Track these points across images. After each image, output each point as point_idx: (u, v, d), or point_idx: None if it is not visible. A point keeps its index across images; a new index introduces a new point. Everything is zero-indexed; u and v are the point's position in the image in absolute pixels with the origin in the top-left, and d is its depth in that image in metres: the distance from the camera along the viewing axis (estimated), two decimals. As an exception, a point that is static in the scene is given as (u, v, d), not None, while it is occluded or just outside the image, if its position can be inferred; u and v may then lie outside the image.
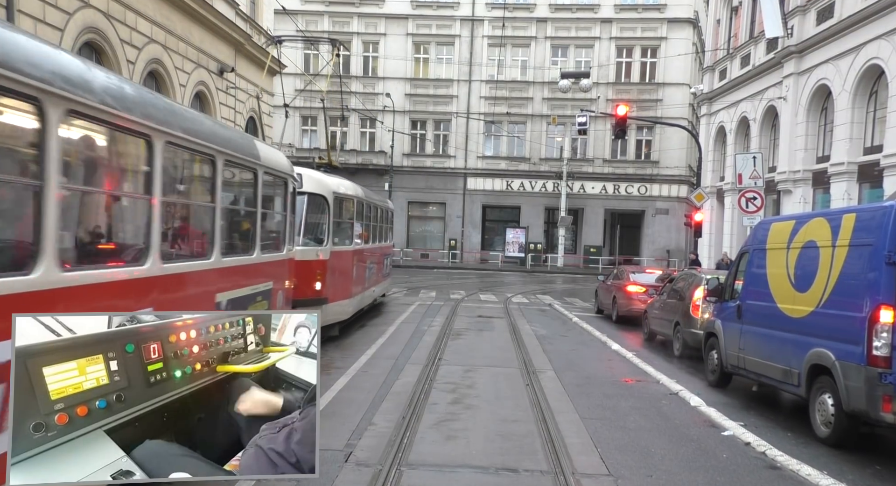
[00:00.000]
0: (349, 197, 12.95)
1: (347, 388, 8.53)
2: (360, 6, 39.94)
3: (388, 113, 38.59)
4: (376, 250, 16.30)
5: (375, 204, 16.46)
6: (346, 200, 12.71)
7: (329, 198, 11.61)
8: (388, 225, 19.41)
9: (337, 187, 12.15)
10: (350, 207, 13.00)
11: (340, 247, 12.17)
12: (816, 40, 19.51)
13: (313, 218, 11.42)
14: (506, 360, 11.09)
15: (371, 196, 16.14)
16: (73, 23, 12.72)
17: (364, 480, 5.38)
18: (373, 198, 16.36)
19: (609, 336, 14.09)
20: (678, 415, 7.98)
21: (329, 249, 11.49)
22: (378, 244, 16.64)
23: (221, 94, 19.92)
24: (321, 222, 11.56)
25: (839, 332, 6.81)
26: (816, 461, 6.34)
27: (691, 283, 12.47)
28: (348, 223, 12.84)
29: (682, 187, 38.06)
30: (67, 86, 3.82)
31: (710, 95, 28.23)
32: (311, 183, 11.25)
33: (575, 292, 25.95)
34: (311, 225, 11.42)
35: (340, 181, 12.88)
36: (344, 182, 13.14)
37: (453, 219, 40.34)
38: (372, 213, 15.66)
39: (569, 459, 6.07)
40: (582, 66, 38.39)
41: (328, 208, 11.54)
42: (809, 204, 20.24)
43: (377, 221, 16.48)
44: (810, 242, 7.59)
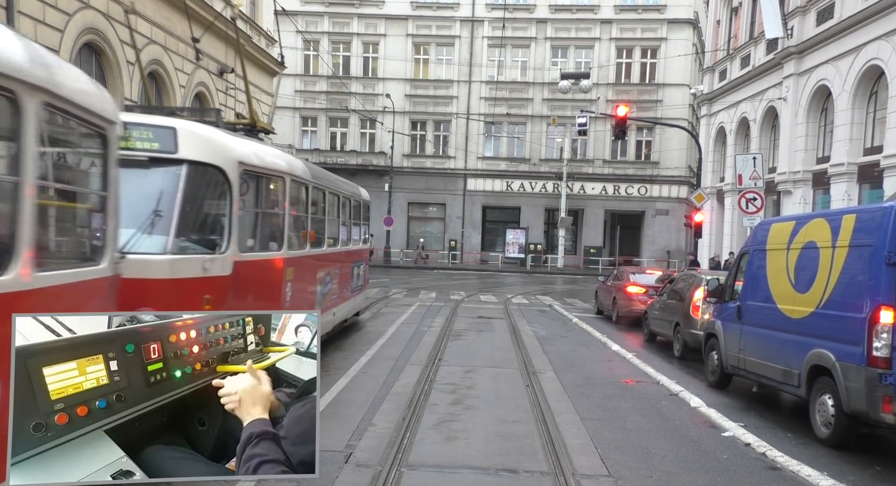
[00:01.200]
0: (275, 174, 8.25)
1: (347, 389, 8.53)
2: (360, 7, 39.96)
3: (388, 114, 38.61)
4: (336, 257, 11.80)
5: (335, 190, 11.83)
6: (268, 179, 8.13)
7: (230, 172, 6.80)
8: (362, 221, 14.89)
9: (247, 156, 7.33)
10: (278, 189, 8.44)
11: (257, 254, 7.62)
12: (816, 41, 19.52)
13: (199, 205, 6.78)
14: (506, 361, 11.08)
15: (325, 178, 11.36)
16: (72, 24, 12.73)
17: (364, 481, 5.37)
18: (328, 180, 11.53)
19: (609, 337, 14.09)
20: (678, 416, 7.97)
21: (231, 257, 6.76)
22: (340, 248, 12.11)
23: (221, 94, 19.93)
24: (216, 213, 6.91)
25: (839, 333, 6.80)
26: (817, 461, 6.34)
27: (691, 284, 12.47)
28: (275, 216, 8.37)
29: (683, 188, 38.07)
30: None
31: (710, 95, 28.24)
32: (194, 145, 6.64)
33: (575, 292, 25.95)
34: (195, 216, 6.72)
35: (259, 148, 8.18)
36: (268, 150, 8.50)
37: (453, 220, 40.35)
38: (328, 202, 11.09)
39: (569, 460, 6.07)
40: (582, 66, 38.40)
41: (229, 190, 6.81)
42: (809, 205, 20.24)
43: (340, 215, 12.21)
44: (810, 242, 7.58)
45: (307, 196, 9.64)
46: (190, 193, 6.52)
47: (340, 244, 12.20)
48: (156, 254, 6.11)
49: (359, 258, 14.27)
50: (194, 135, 6.80)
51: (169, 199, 6.36)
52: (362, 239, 14.88)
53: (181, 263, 6.33)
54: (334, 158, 38.88)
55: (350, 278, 13.02)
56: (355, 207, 13.78)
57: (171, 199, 6.35)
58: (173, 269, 6.24)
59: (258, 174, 7.70)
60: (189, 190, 6.50)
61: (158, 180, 6.48)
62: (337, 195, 11.94)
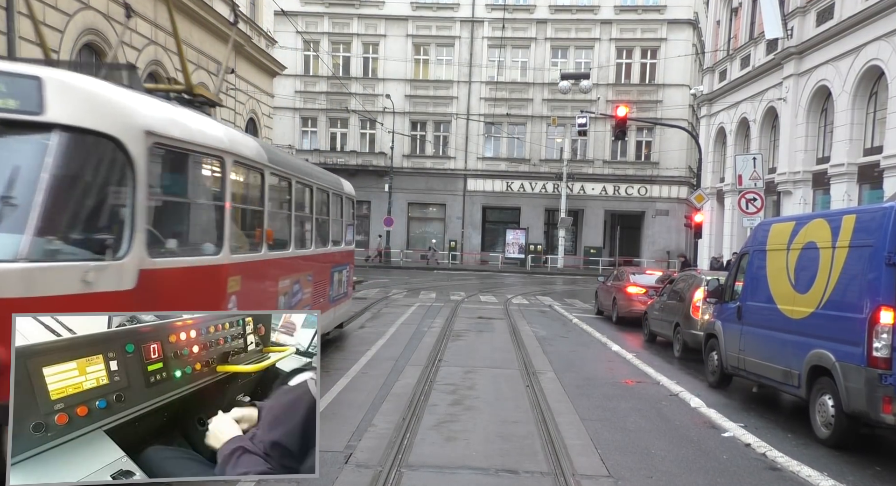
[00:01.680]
0: (209, 151, 6.00)
1: (347, 389, 8.53)
2: (359, 7, 39.97)
3: (388, 114, 38.62)
4: (308, 261, 9.60)
5: (305, 180, 9.39)
6: (201, 159, 5.98)
7: (131, 144, 4.79)
8: (345, 219, 12.43)
9: (161, 124, 5.28)
10: (217, 173, 6.20)
11: (179, 260, 5.50)
12: (816, 41, 19.52)
13: (81, 190, 4.66)
14: (506, 361, 11.08)
15: (291, 164, 8.97)
16: (72, 24, 12.73)
17: (364, 481, 5.37)
18: (295, 167, 9.07)
19: (609, 337, 14.08)
20: (678, 416, 7.97)
21: (133, 264, 4.75)
22: (314, 251, 9.95)
23: (221, 95, 19.92)
24: (111, 203, 4.86)
25: (839, 333, 6.80)
26: (817, 462, 6.34)
27: (691, 284, 12.48)
28: (211, 208, 6.19)
29: (683, 188, 38.08)
30: None
31: (710, 96, 28.24)
32: (71, 103, 4.60)
33: (575, 293, 25.95)
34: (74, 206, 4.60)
35: (187, 116, 6.04)
36: (202, 121, 6.33)
37: (453, 220, 40.36)
38: (295, 195, 8.81)
39: (569, 460, 6.06)
40: (582, 67, 38.41)
41: (131, 170, 4.79)
42: (809, 205, 20.24)
43: (314, 210, 9.99)
44: (810, 243, 7.58)
45: (263, 184, 7.41)
46: (63, 173, 4.44)
47: (314, 246, 9.98)
48: (1, 261, 4.12)
49: (340, 262, 11.96)
50: (71, 89, 4.62)
51: (28, 180, 4.34)
52: (345, 240, 12.47)
53: (43, 274, 4.22)
54: (334, 158, 38.90)
55: (329, 286, 11.00)
56: (336, 203, 11.66)
57: (31, 180, 4.32)
58: (28, 283, 4.15)
59: (182, 150, 5.54)
60: (62, 168, 4.43)
61: (14, 154, 4.52)
62: (309, 187, 9.67)
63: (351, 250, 13.38)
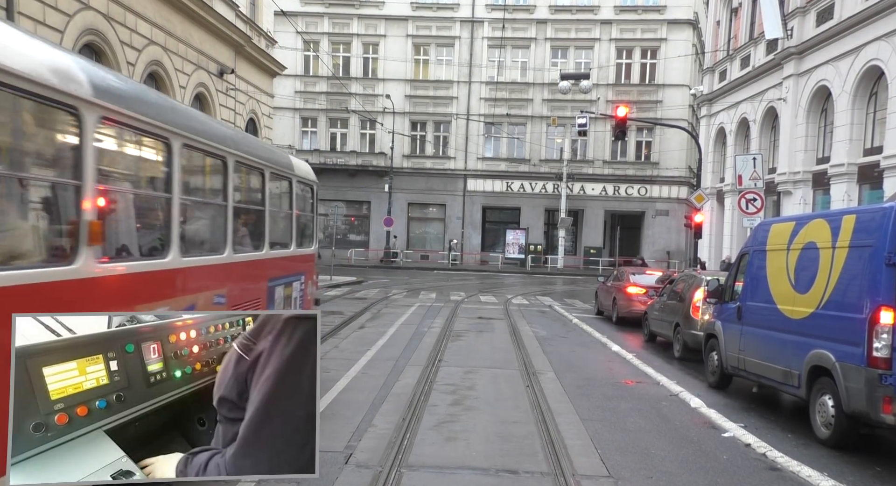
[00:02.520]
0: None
1: (347, 389, 8.53)
2: (359, 8, 39.97)
3: (388, 114, 38.61)
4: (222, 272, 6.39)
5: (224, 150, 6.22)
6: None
7: None
8: (293, 211, 8.81)
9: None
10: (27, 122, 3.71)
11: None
12: (816, 42, 19.53)
13: None
14: (506, 361, 11.08)
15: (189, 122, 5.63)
16: (72, 24, 12.73)
17: (364, 481, 5.37)
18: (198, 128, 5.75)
19: (609, 338, 14.08)
20: (678, 416, 7.97)
21: None
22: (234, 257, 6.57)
23: (221, 95, 19.93)
24: None
25: (839, 333, 6.80)
26: (817, 462, 6.34)
27: (691, 284, 12.47)
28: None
29: (683, 189, 38.08)
30: None
31: (710, 96, 28.25)
32: None
33: (575, 293, 25.95)
34: None
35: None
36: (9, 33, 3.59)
37: (453, 220, 40.36)
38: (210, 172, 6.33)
39: (569, 460, 6.06)
40: (582, 67, 38.41)
41: None
42: (809, 205, 20.25)
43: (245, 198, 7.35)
44: (810, 243, 7.58)
45: (119, 147, 4.74)
46: None
47: (231, 249, 6.45)
48: None
49: (287, 273, 8.60)
50: None
51: None
52: (296, 241, 9.01)
53: None
54: (334, 158, 38.91)
55: (265, 306, 7.66)
56: (281, 189, 8.48)
57: None
58: None
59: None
60: None
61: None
62: (219, 158, 6.17)
63: (310, 253, 9.96)
